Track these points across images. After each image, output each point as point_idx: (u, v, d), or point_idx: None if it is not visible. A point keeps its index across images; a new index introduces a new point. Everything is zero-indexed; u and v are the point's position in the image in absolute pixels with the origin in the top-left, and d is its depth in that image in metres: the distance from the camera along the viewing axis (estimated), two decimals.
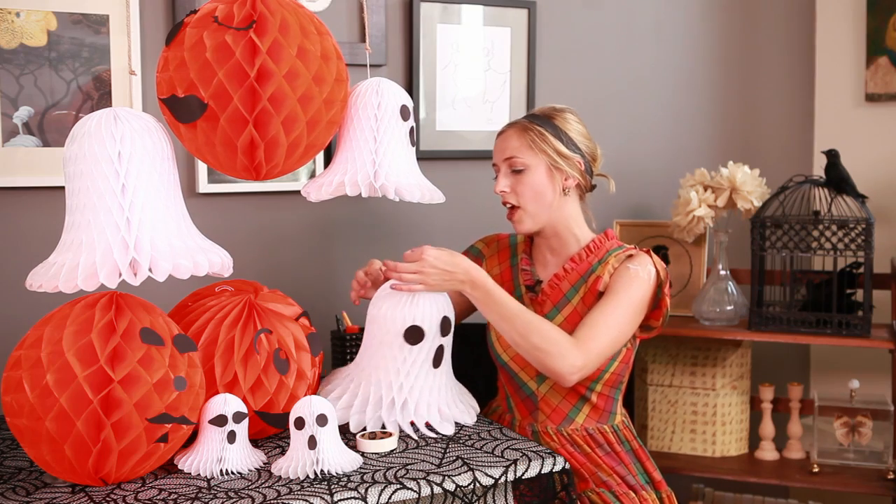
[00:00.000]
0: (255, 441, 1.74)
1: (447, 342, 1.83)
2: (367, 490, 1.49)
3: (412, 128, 1.83)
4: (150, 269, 1.49)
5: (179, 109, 1.59)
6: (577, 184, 1.98)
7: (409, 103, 1.82)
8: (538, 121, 1.97)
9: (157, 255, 1.50)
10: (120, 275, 1.46)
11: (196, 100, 1.57)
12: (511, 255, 2.09)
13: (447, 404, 1.84)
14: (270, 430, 1.76)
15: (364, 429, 1.76)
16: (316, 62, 1.62)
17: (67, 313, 1.51)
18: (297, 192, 2.30)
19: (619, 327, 1.88)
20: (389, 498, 1.49)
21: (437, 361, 1.81)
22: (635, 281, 1.90)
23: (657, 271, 1.92)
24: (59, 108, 2.08)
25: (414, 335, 1.77)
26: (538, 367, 1.86)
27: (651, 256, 1.95)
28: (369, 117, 1.76)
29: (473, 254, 2.13)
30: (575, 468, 1.93)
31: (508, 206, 1.98)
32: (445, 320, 1.81)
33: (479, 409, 1.93)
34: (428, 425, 1.79)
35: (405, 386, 1.78)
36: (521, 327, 1.83)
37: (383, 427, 1.77)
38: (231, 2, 1.61)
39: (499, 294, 1.85)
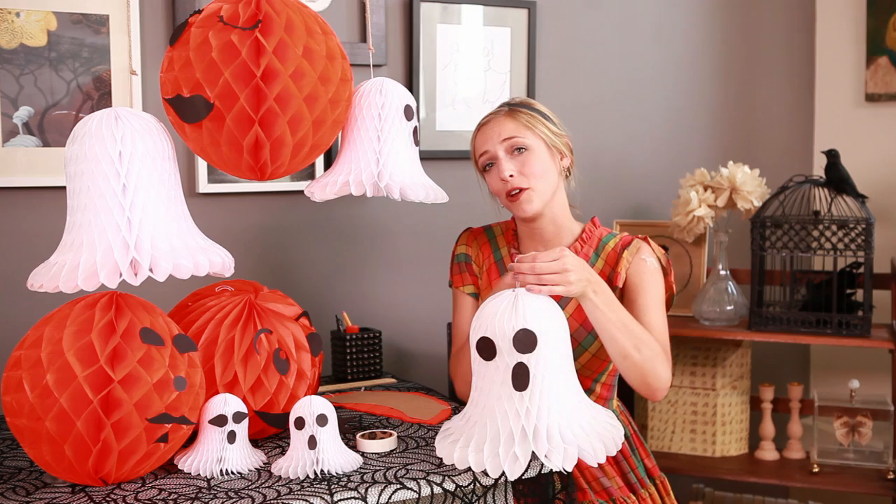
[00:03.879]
0: (255, 441, 1.74)
1: (532, 361, 1.47)
2: (367, 490, 1.48)
3: (416, 127, 1.83)
4: (150, 269, 1.48)
5: (185, 109, 1.59)
6: (569, 166, 1.95)
7: (413, 103, 1.82)
8: (520, 106, 1.93)
9: (158, 255, 1.49)
10: (120, 275, 1.46)
11: (202, 100, 1.57)
12: (493, 250, 2.01)
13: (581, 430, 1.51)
14: (270, 430, 1.76)
15: (372, 434, 1.75)
16: (321, 62, 1.62)
17: (67, 313, 1.51)
18: (298, 193, 2.31)
19: (666, 323, 1.86)
20: (389, 498, 1.49)
21: (518, 383, 1.47)
22: (656, 274, 1.89)
23: (657, 258, 1.92)
24: (59, 108, 2.08)
25: (485, 349, 1.50)
26: (637, 381, 1.73)
27: (649, 243, 1.93)
28: (373, 117, 1.76)
29: (462, 261, 2.02)
30: (574, 475, 1.90)
31: (515, 191, 1.87)
32: (523, 333, 1.47)
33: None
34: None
35: (511, 412, 1.47)
36: (636, 338, 1.69)
37: (381, 431, 1.76)
38: (236, 1, 1.61)
39: (617, 301, 1.72)
